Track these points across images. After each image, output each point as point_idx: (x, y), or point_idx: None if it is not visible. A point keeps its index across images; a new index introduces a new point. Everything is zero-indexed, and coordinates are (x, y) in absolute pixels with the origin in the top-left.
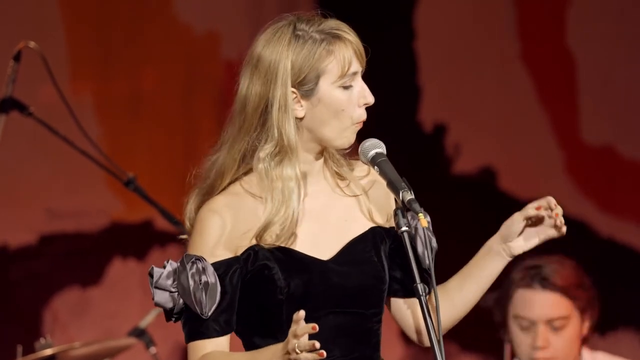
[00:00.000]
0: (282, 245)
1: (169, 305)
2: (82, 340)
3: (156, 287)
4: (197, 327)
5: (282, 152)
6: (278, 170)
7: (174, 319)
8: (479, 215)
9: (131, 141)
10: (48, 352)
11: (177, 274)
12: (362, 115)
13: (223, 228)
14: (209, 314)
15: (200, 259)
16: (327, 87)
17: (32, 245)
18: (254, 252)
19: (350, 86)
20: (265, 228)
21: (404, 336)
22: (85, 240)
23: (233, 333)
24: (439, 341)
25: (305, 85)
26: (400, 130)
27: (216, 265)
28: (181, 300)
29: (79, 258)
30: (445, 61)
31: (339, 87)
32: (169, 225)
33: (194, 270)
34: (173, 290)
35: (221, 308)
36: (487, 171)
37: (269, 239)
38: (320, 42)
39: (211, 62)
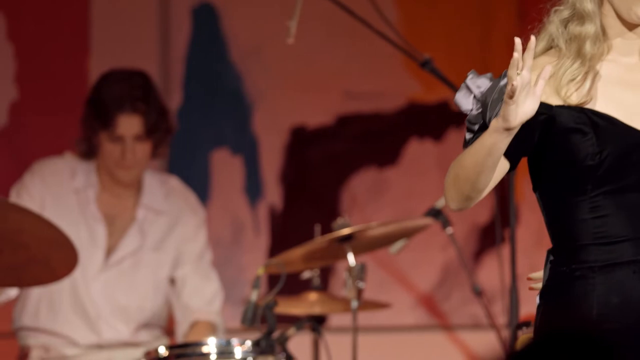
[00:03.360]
0: (590, 107)
1: (465, 106)
2: (379, 220)
3: (467, 85)
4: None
5: (576, 17)
6: (572, 30)
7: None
8: None
9: (427, 26)
10: (345, 231)
11: (495, 83)
12: None
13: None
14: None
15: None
16: None
17: (330, 127)
18: (567, 111)
19: None
20: (563, 84)
21: None
22: (382, 121)
23: None
24: None
25: None
26: None
27: None
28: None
29: (375, 138)
30: None
31: None
32: None
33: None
34: (477, 96)
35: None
36: None
37: (574, 99)
38: None
39: None
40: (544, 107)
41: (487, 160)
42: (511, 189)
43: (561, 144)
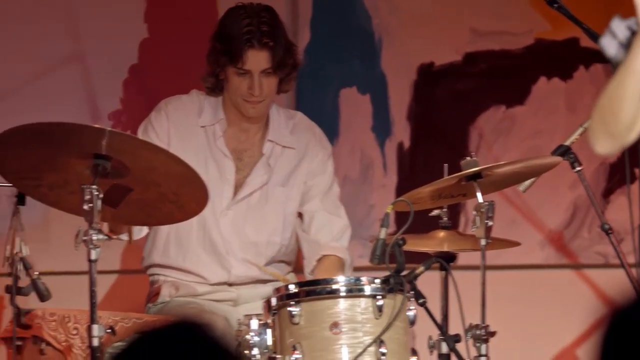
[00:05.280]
0: None
1: (609, 51)
2: (507, 158)
3: (611, 29)
4: None
5: None
6: None
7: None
8: None
9: None
10: (473, 170)
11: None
12: None
13: None
14: None
15: None
16: None
17: (458, 65)
18: None
19: None
20: None
21: None
22: (509, 59)
23: None
24: None
25: None
26: None
27: None
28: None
29: (504, 77)
30: None
31: None
32: (594, 45)
33: None
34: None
35: None
36: None
37: None
38: None
39: None
40: None
41: (630, 81)
42: None
43: None
